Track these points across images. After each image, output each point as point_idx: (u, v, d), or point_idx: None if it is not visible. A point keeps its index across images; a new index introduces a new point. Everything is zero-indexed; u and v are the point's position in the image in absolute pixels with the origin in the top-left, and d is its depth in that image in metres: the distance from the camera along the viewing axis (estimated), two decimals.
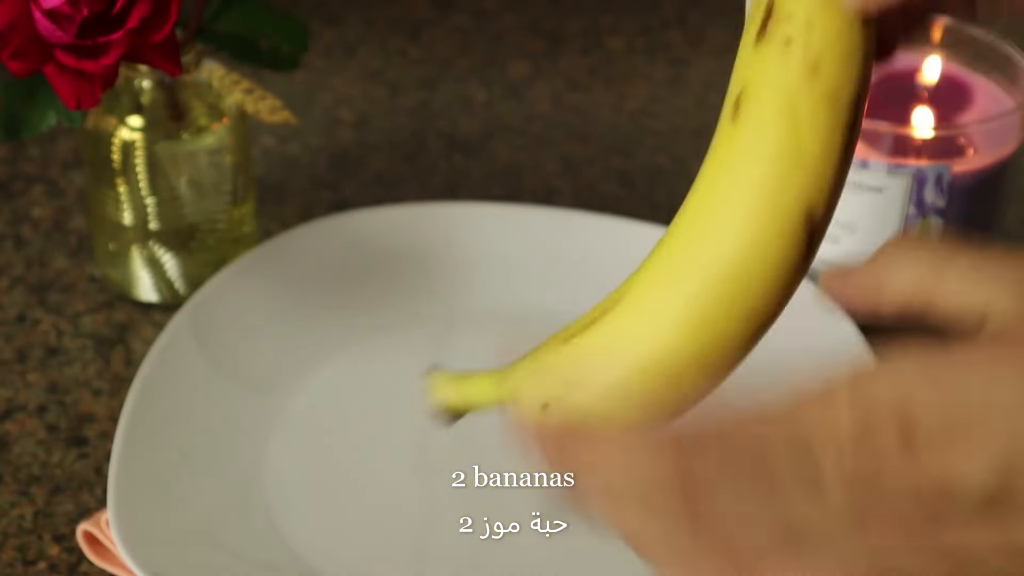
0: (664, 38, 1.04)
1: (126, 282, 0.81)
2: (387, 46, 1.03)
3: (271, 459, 0.71)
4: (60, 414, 0.75)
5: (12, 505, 0.70)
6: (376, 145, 0.93)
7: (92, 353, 0.78)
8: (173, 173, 0.77)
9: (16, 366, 0.77)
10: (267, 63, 0.76)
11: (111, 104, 0.76)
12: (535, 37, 1.04)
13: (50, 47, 0.67)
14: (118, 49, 0.67)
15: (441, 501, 0.69)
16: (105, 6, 0.67)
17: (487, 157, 0.92)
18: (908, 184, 0.75)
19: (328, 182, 0.90)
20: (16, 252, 0.84)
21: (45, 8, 0.66)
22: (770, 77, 0.51)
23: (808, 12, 0.51)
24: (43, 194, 0.89)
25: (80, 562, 0.68)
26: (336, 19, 1.05)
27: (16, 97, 0.71)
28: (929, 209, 0.76)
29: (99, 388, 0.76)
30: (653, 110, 0.97)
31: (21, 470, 0.72)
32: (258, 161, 0.91)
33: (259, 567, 0.66)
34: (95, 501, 0.70)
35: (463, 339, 0.78)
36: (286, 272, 0.79)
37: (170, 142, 0.77)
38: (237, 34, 0.75)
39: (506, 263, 0.81)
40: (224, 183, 0.79)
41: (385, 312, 0.79)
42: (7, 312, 0.80)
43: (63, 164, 0.91)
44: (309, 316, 0.78)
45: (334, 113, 0.96)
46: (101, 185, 0.78)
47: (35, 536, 0.69)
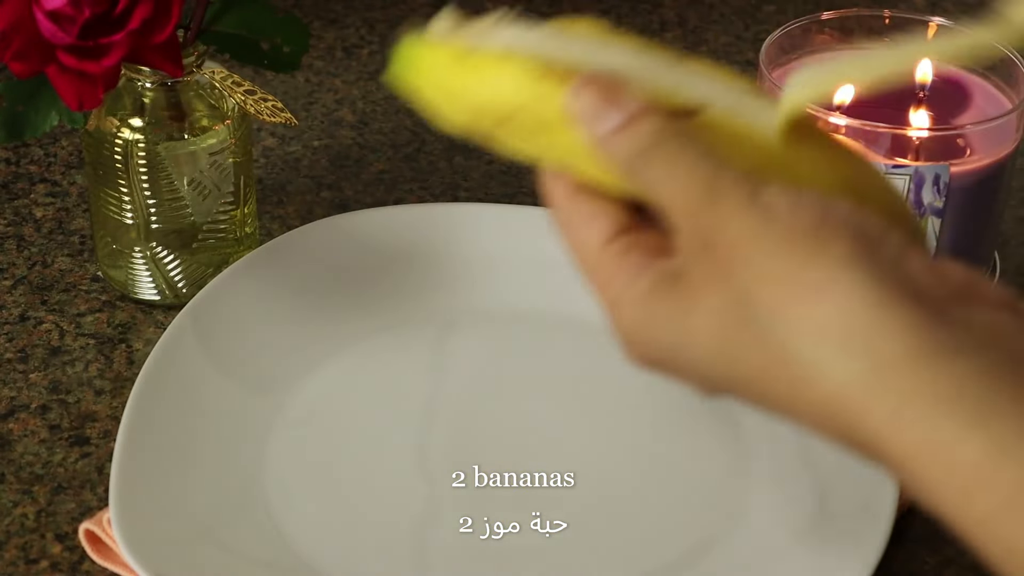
0: (663, 39, 1.04)
1: (128, 282, 0.81)
2: (388, 47, 1.03)
3: (271, 459, 0.71)
4: (62, 414, 0.75)
5: (15, 504, 0.70)
6: (376, 145, 0.94)
7: (94, 353, 0.78)
8: (175, 174, 0.77)
9: (18, 366, 0.77)
10: (268, 64, 0.76)
11: (113, 105, 0.77)
12: None
13: (52, 48, 0.67)
14: (120, 50, 0.67)
15: (441, 501, 0.69)
16: (107, 7, 0.67)
17: (487, 157, 0.92)
18: (906, 184, 0.76)
19: (329, 182, 0.90)
20: (18, 252, 0.85)
21: (47, 9, 0.66)
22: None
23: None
24: (45, 194, 0.89)
25: (82, 561, 0.68)
26: (337, 20, 1.05)
27: (18, 98, 0.71)
28: (927, 209, 0.76)
29: (101, 388, 0.76)
30: None
31: (23, 469, 0.72)
32: (259, 162, 0.91)
33: (259, 566, 0.66)
34: (97, 500, 0.70)
35: (463, 339, 0.78)
36: (287, 272, 0.79)
37: (172, 143, 0.77)
38: (238, 35, 0.76)
39: (506, 263, 0.81)
40: (225, 184, 0.79)
41: (385, 312, 0.79)
42: (9, 312, 0.81)
43: (65, 165, 0.91)
44: (310, 316, 0.78)
45: (335, 114, 0.96)
46: (103, 186, 0.78)
47: (37, 535, 0.69)
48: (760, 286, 0.47)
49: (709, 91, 0.53)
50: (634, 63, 0.53)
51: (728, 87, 0.53)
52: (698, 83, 0.53)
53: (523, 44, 0.54)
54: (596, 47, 0.54)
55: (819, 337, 0.46)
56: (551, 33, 0.54)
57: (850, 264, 0.46)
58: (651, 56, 0.54)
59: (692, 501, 0.70)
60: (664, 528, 0.68)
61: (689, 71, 0.54)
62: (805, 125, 0.53)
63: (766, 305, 0.47)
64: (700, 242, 0.49)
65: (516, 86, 0.54)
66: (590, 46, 0.54)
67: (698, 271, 0.49)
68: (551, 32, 0.54)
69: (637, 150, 0.51)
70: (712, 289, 0.48)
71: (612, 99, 0.52)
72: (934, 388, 0.44)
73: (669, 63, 0.54)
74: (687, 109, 0.52)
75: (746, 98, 0.53)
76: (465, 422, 0.74)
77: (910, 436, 0.45)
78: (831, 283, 0.46)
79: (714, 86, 0.53)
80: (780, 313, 0.47)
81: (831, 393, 0.46)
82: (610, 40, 0.55)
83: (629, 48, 0.54)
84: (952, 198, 0.76)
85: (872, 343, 0.45)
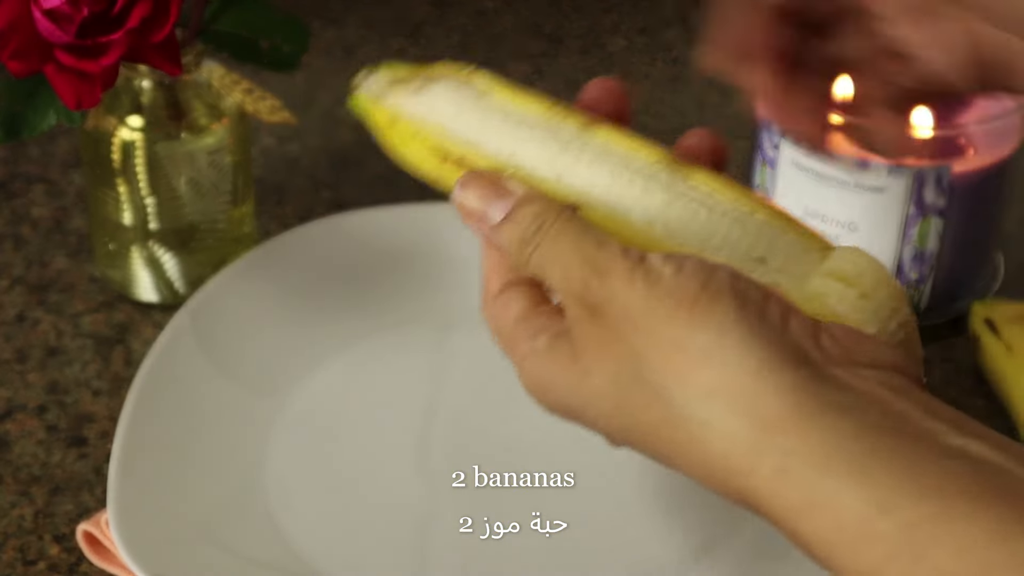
0: (664, 38, 1.04)
1: (126, 282, 0.81)
2: (387, 46, 1.03)
3: (271, 459, 0.71)
4: (60, 414, 0.75)
5: (12, 505, 0.70)
6: (376, 145, 0.93)
7: (92, 353, 0.78)
8: (173, 173, 0.77)
9: (16, 366, 0.77)
10: (267, 63, 0.76)
11: (111, 104, 0.76)
12: (535, 37, 1.04)
13: (50, 47, 0.67)
14: (118, 49, 0.67)
15: (441, 501, 0.69)
16: (105, 6, 0.67)
17: None
18: (909, 184, 0.75)
19: (328, 182, 0.90)
20: (16, 252, 0.84)
21: (45, 8, 0.66)
22: None
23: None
24: (43, 194, 0.89)
25: (80, 562, 0.68)
26: (336, 19, 1.05)
27: (16, 97, 0.71)
28: (930, 209, 0.76)
29: (99, 388, 0.76)
30: (653, 110, 0.97)
31: (21, 470, 0.72)
32: (258, 161, 0.91)
33: (259, 567, 0.66)
34: (95, 501, 0.70)
35: (463, 339, 0.78)
36: (286, 272, 0.79)
37: (170, 142, 0.77)
38: (237, 34, 0.75)
39: None
40: (224, 183, 0.79)
41: (385, 312, 0.79)
42: (7, 312, 0.80)
43: (63, 164, 0.91)
44: (309, 316, 0.78)
45: (334, 113, 0.96)
46: (101, 185, 0.78)
47: (35, 536, 0.69)
48: (650, 351, 0.50)
49: (596, 175, 0.56)
50: (529, 144, 0.57)
51: (619, 164, 0.56)
52: (588, 163, 0.57)
53: (434, 117, 0.59)
54: (498, 125, 0.58)
55: (706, 399, 0.48)
56: (461, 100, 0.59)
57: (733, 328, 0.49)
58: (549, 129, 0.58)
59: (692, 501, 0.69)
60: (664, 528, 0.68)
61: (587, 146, 0.57)
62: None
63: (657, 368, 0.49)
64: (589, 312, 0.51)
65: (426, 165, 0.59)
66: (493, 124, 0.58)
67: (591, 336, 0.51)
68: (461, 99, 0.59)
69: (521, 238, 0.54)
70: (605, 353, 0.51)
71: (495, 192, 0.56)
72: (815, 446, 0.47)
73: (568, 137, 0.57)
74: (571, 202, 0.56)
75: (635, 175, 0.56)
76: (465, 422, 0.74)
77: (795, 493, 0.47)
78: (717, 348, 0.48)
79: (603, 167, 0.57)
80: (670, 376, 0.49)
81: (719, 451, 0.48)
82: (517, 106, 0.59)
83: (530, 118, 0.58)
84: (954, 198, 0.76)
85: (755, 403, 0.48)
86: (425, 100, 0.59)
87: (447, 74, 0.60)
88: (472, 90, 0.59)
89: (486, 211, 0.55)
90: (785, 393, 0.47)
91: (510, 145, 0.57)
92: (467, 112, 0.59)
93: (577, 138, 0.57)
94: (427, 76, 0.60)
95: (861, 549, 0.46)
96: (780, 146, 0.77)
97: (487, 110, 0.58)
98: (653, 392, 0.49)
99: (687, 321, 0.49)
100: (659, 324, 0.49)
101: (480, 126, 0.58)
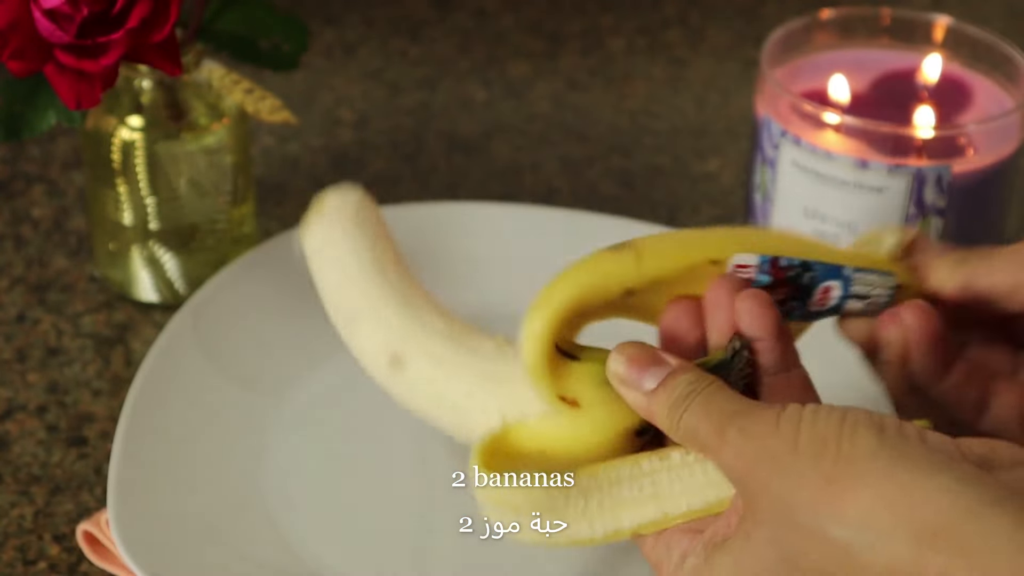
0: (664, 38, 1.04)
1: (126, 282, 0.81)
2: (387, 46, 1.03)
3: (271, 459, 0.71)
4: (60, 414, 0.75)
5: (12, 505, 0.70)
6: (376, 145, 0.93)
7: (92, 353, 0.78)
8: (173, 173, 0.77)
9: (16, 366, 0.77)
10: (267, 63, 0.76)
11: (111, 104, 0.76)
12: (535, 37, 1.04)
13: (50, 47, 0.67)
14: (118, 49, 0.67)
15: (441, 501, 0.69)
16: (105, 6, 0.67)
17: (487, 157, 0.92)
18: (908, 184, 0.75)
19: (328, 182, 0.90)
20: (16, 252, 0.84)
21: (45, 8, 0.66)
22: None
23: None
24: (43, 194, 0.89)
25: (80, 562, 0.68)
26: (336, 19, 1.05)
27: (16, 97, 0.71)
28: (930, 209, 0.76)
29: (99, 388, 0.76)
30: (653, 110, 0.97)
31: (21, 470, 0.72)
32: (258, 161, 0.91)
33: (259, 567, 0.66)
34: (95, 501, 0.70)
35: None
36: (286, 272, 0.78)
37: (170, 142, 0.77)
38: (237, 34, 0.75)
39: (506, 263, 0.80)
40: (224, 183, 0.79)
41: None
42: (7, 312, 0.80)
43: (63, 164, 0.91)
44: (309, 316, 0.78)
45: (334, 113, 0.96)
46: (101, 185, 0.78)
47: (35, 536, 0.69)
48: (800, 492, 0.51)
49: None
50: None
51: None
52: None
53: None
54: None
55: (863, 520, 0.50)
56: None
57: (879, 450, 0.50)
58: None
59: None
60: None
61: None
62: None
63: (808, 508, 0.51)
64: (743, 486, 0.53)
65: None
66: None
67: (746, 512, 0.53)
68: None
69: (673, 402, 0.56)
70: (755, 508, 0.52)
71: (652, 360, 0.58)
72: (979, 542, 0.48)
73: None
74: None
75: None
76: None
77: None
78: (868, 471, 0.50)
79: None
80: (823, 510, 0.50)
81: (884, 566, 0.49)
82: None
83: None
84: (954, 198, 0.76)
85: (912, 514, 0.49)
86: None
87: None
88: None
89: (640, 379, 0.57)
90: (939, 497, 0.49)
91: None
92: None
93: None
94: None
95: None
96: (780, 146, 0.77)
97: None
98: (809, 533, 0.51)
99: (835, 455, 0.50)
100: (807, 464, 0.51)
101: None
